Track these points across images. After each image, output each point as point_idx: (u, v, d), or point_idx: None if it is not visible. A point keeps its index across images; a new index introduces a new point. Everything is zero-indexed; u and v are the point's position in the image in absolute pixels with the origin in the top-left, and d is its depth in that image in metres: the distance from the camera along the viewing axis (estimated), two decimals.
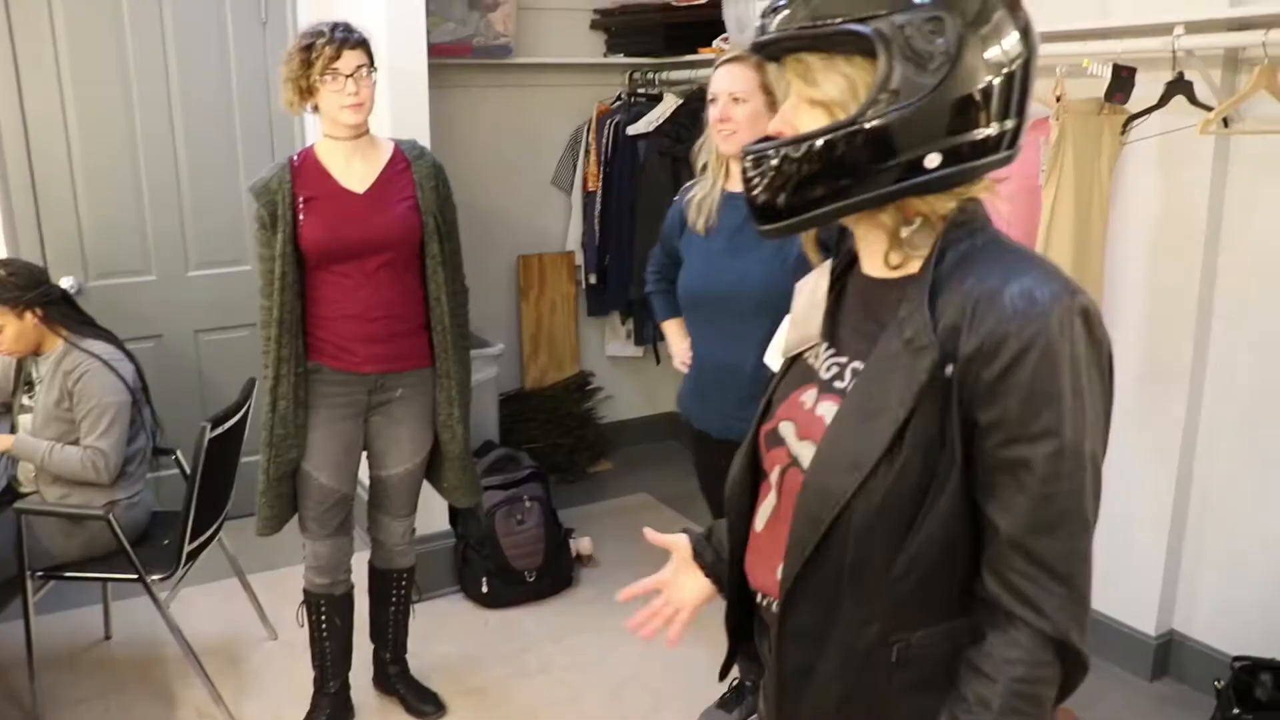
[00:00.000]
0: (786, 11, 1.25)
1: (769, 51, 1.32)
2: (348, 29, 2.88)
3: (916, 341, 1.23)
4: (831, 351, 1.41)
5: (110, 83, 4.29)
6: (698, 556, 1.68)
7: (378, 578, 3.38)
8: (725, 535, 1.60)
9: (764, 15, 1.29)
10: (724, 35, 4.61)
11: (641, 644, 3.81)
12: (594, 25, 5.31)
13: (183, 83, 4.42)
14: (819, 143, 1.23)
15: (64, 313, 3.40)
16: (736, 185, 2.85)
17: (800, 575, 1.33)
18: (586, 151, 5.29)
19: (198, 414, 3.71)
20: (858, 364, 1.34)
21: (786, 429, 1.42)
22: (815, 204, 1.26)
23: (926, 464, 1.24)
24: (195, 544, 3.39)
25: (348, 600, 3.28)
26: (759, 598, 1.49)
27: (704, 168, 2.99)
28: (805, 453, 1.36)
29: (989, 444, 1.22)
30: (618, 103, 5.26)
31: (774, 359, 1.54)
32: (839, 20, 1.21)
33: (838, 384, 1.36)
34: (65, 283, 4.15)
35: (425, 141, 3.59)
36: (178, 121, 4.44)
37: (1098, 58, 3.10)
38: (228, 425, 3.38)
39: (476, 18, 4.81)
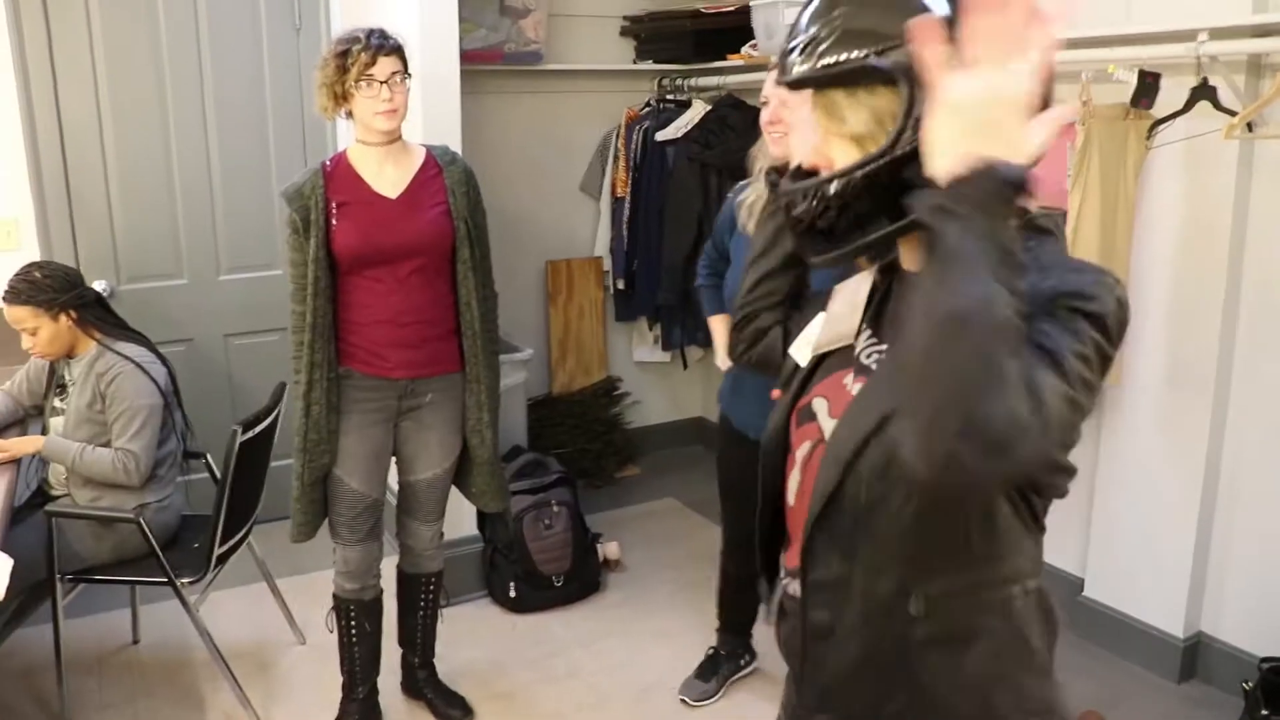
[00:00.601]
0: (804, 54, 1.25)
1: (794, 89, 1.33)
2: (383, 35, 2.89)
3: None
4: (874, 341, 1.43)
5: (145, 88, 4.33)
6: None
7: (406, 583, 3.39)
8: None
9: (783, 55, 1.29)
10: (752, 42, 4.62)
11: (669, 648, 3.83)
12: (623, 32, 5.32)
13: (216, 88, 4.45)
14: (859, 175, 1.23)
15: (98, 315, 3.42)
16: None
17: (820, 519, 1.37)
18: (615, 157, 5.30)
19: (228, 418, 3.73)
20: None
21: (819, 405, 1.44)
22: (861, 232, 1.27)
23: None
24: (225, 548, 3.40)
25: (377, 605, 3.28)
26: (783, 577, 1.52)
27: (759, 170, 3.01)
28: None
29: None
30: (647, 109, 5.26)
31: (801, 353, 1.55)
32: (858, 55, 1.21)
33: (875, 368, 1.38)
34: (98, 286, 4.18)
35: (457, 147, 3.61)
36: (211, 126, 4.47)
37: (1123, 63, 3.11)
38: (258, 429, 3.40)
39: (508, 24, 4.82)
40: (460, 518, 4.02)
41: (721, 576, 3.52)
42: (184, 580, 3.30)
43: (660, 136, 5.06)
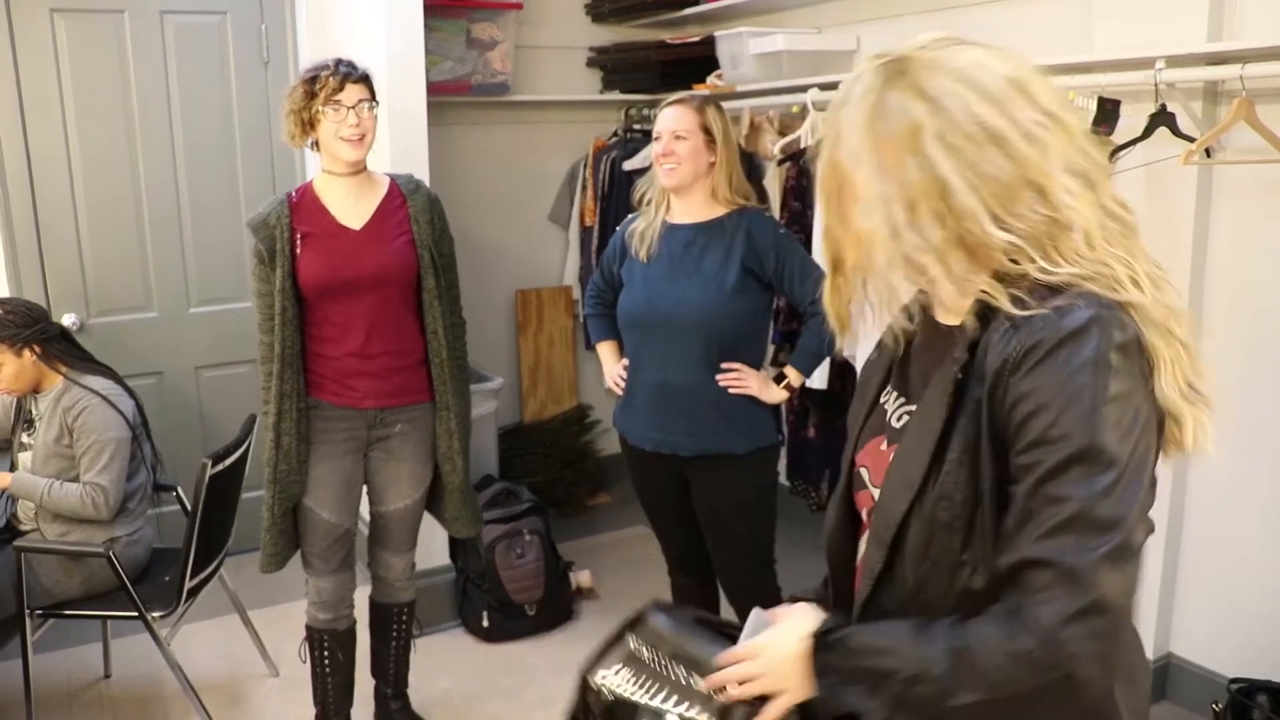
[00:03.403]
0: None
1: None
2: (351, 64, 2.92)
3: (957, 358, 1.29)
4: (899, 398, 1.47)
5: (113, 121, 4.34)
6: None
7: (379, 613, 3.38)
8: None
9: None
10: (717, 71, 4.66)
11: None
12: (590, 63, 5.36)
13: (185, 121, 4.46)
14: None
15: (63, 350, 3.41)
16: (676, 217, 3.10)
17: (871, 598, 1.40)
18: (583, 187, 5.33)
19: (199, 450, 3.72)
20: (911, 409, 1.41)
21: (863, 472, 1.49)
22: None
23: (970, 480, 1.27)
24: (196, 580, 3.39)
25: (350, 635, 3.28)
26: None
27: (640, 200, 3.20)
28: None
29: (1014, 455, 1.23)
30: (614, 139, 5.29)
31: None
32: None
33: (902, 431, 1.42)
34: (67, 320, 4.19)
35: (424, 178, 3.63)
36: (180, 159, 4.48)
37: (1083, 90, 3.15)
38: (228, 461, 3.39)
39: (475, 56, 4.85)
40: (432, 547, 4.02)
41: (674, 594, 3.52)
42: (155, 614, 3.29)
43: (628, 166, 5.08)
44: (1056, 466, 1.19)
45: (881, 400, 1.51)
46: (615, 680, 1.57)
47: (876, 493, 1.43)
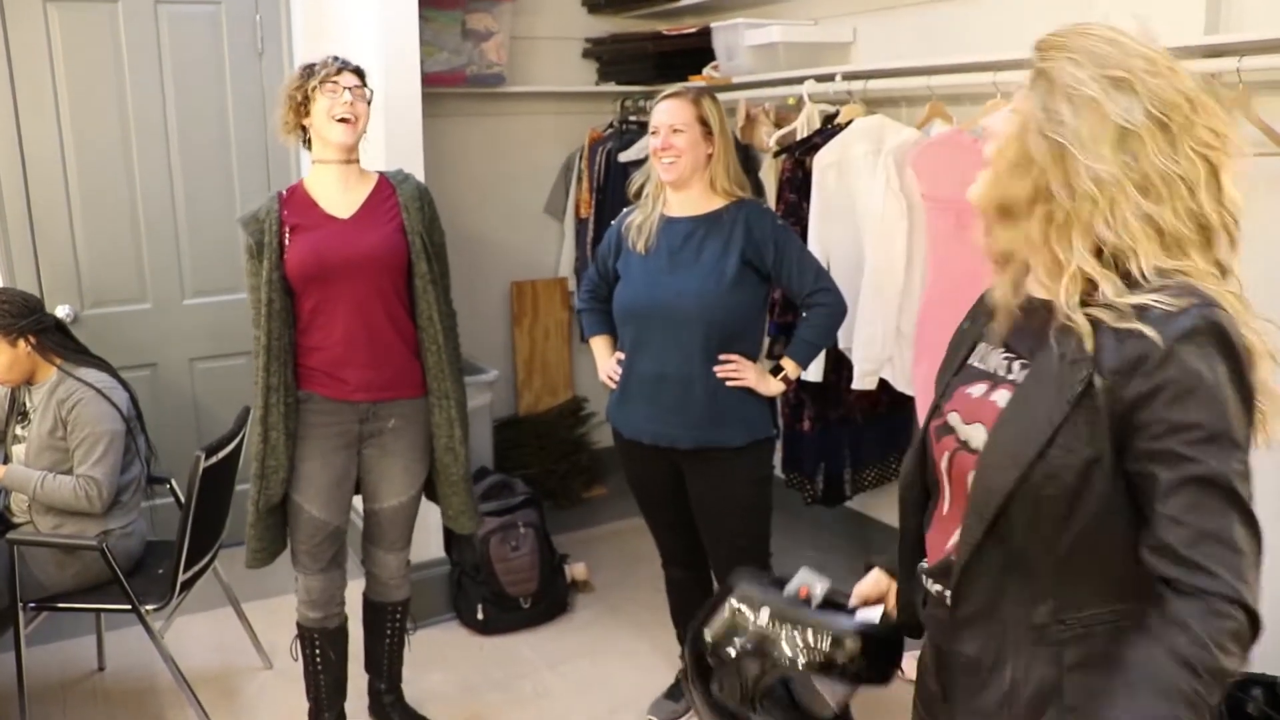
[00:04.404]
0: None
1: None
2: (348, 60, 2.97)
3: (1069, 356, 1.38)
4: (1003, 351, 1.55)
5: (107, 112, 4.32)
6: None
7: (372, 610, 3.37)
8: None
9: None
10: (713, 63, 4.65)
11: (638, 669, 3.82)
12: (586, 54, 5.34)
13: (179, 112, 4.44)
14: None
15: (57, 341, 3.40)
16: (674, 210, 3.10)
17: (969, 564, 1.48)
18: (579, 178, 5.31)
19: (193, 443, 3.71)
20: (1022, 361, 1.50)
21: (954, 418, 1.57)
22: None
23: (1079, 460, 1.37)
24: (189, 573, 3.39)
25: (341, 633, 3.27)
26: (927, 582, 1.62)
27: (637, 194, 3.21)
28: (974, 434, 1.52)
29: (1141, 441, 1.34)
30: (609, 130, 5.27)
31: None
32: None
33: (1009, 376, 1.51)
34: (61, 311, 4.17)
35: (419, 169, 3.63)
36: (174, 151, 4.46)
37: None
38: (222, 454, 3.39)
39: (470, 47, 4.84)
40: (427, 540, 4.01)
41: (668, 587, 3.52)
42: (148, 607, 3.29)
43: (623, 157, 5.07)
44: (1196, 442, 1.31)
45: (971, 360, 1.60)
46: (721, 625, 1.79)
47: (970, 431, 1.51)
